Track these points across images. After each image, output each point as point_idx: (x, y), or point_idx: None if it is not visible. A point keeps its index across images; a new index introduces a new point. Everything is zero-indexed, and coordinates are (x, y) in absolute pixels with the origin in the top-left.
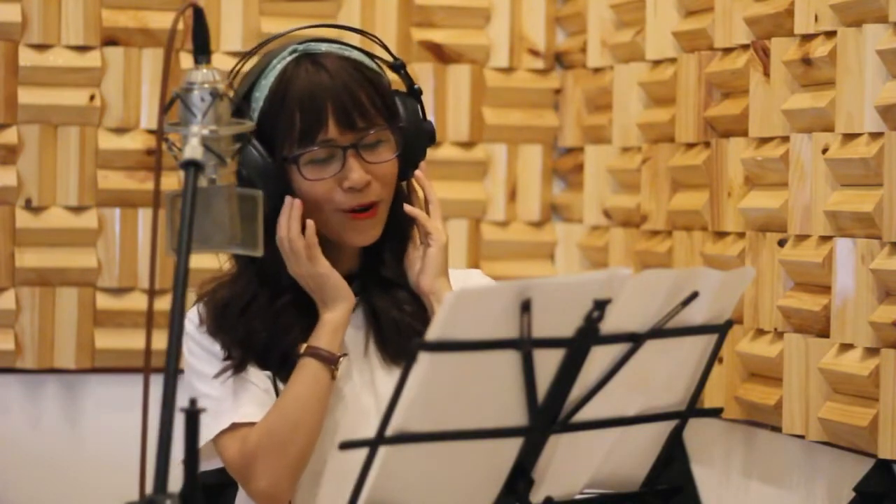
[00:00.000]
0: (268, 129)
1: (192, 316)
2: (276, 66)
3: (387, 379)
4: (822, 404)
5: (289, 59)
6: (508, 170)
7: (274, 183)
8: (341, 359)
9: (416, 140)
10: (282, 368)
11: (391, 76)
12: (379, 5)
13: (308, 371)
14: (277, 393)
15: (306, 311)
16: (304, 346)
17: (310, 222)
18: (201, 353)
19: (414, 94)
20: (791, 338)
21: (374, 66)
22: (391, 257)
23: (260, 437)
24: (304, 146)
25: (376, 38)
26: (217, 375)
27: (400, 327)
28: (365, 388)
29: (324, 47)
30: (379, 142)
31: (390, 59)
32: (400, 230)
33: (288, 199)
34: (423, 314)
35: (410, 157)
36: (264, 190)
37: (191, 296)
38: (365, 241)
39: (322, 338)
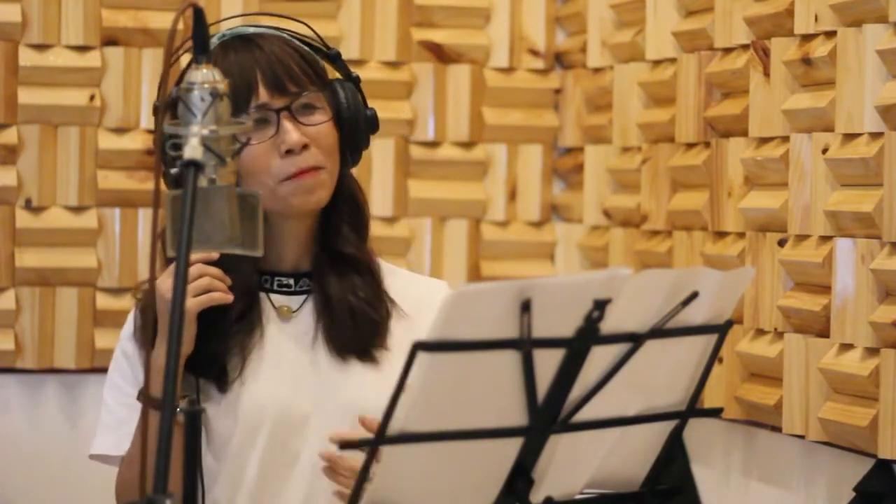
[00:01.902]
0: None
1: (128, 323)
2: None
3: (337, 377)
4: (822, 404)
5: (217, 43)
6: (508, 170)
7: None
8: (181, 401)
9: (357, 125)
10: (208, 371)
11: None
12: (379, 5)
13: (149, 420)
14: (198, 398)
15: (248, 324)
16: (141, 389)
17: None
18: (124, 366)
19: (353, 81)
20: (791, 338)
21: (303, 46)
22: (351, 232)
23: (117, 485)
24: (237, 114)
25: (308, 24)
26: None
27: (355, 315)
28: (304, 391)
29: (252, 30)
30: (313, 107)
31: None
32: (356, 207)
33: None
34: (377, 302)
35: (353, 142)
36: None
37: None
38: (311, 201)
39: (154, 382)
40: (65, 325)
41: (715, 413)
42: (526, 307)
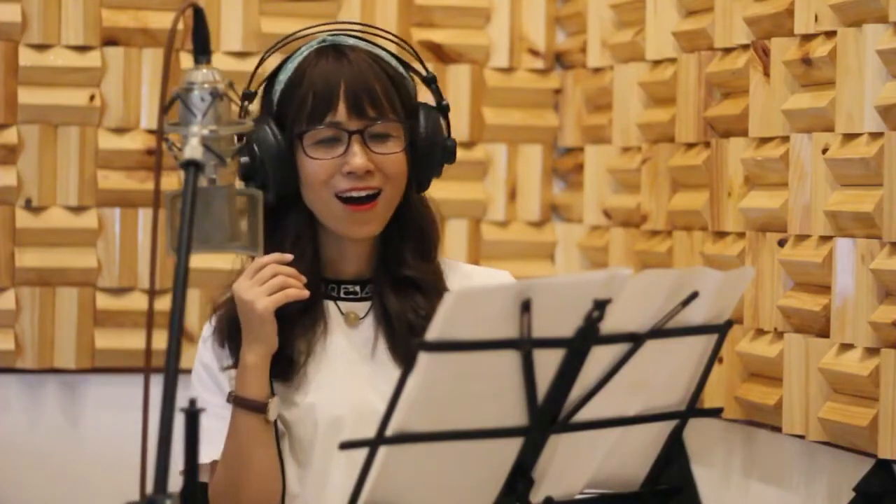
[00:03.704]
0: (284, 110)
1: (205, 336)
2: (304, 53)
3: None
4: (822, 404)
5: (316, 47)
6: (508, 170)
7: (281, 163)
8: (271, 400)
9: (432, 152)
10: (281, 372)
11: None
12: (379, 5)
13: (240, 421)
14: (273, 387)
15: (313, 327)
16: (231, 392)
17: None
18: (205, 378)
19: (441, 109)
20: (791, 338)
21: (398, 67)
22: (413, 257)
23: (214, 487)
24: (311, 125)
25: (412, 48)
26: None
27: (415, 331)
28: (373, 390)
29: (351, 41)
30: (388, 135)
31: (424, 71)
32: (419, 231)
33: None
34: None
35: (424, 167)
36: (271, 170)
37: (193, 293)
38: (362, 233)
39: (245, 385)
40: (65, 325)
41: (715, 413)
42: (526, 307)
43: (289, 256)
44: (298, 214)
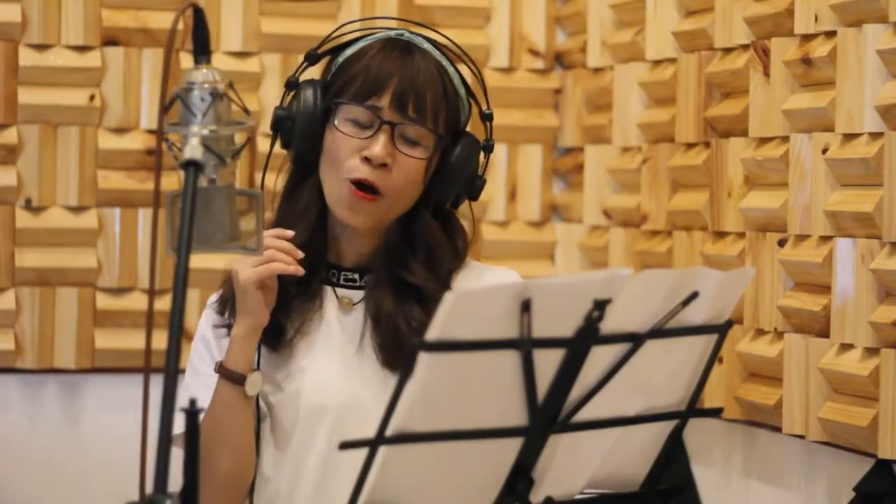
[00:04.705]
0: (335, 80)
1: (204, 316)
2: (378, 37)
3: (381, 375)
4: (822, 404)
5: (392, 36)
6: (508, 170)
7: (310, 124)
8: (251, 374)
9: (455, 179)
10: (268, 339)
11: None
12: (379, 5)
13: (220, 391)
14: (259, 365)
15: (309, 309)
16: (217, 362)
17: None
18: (203, 351)
19: (486, 147)
20: (791, 338)
21: (460, 89)
22: (420, 267)
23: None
24: (352, 101)
25: (483, 81)
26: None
27: (401, 340)
28: (359, 382)
29: (427, 46)
30: (418, 142)
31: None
32: (426, 246)
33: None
34: None
35: (441, 190)
36: (299, 127)
37: (193, 293)
38: (354, 221)
39: (230, 356)
40: (65, 325)
41: (715, 413)
42: (526, 307)
43: (290, 233)
44: (312, 187)
